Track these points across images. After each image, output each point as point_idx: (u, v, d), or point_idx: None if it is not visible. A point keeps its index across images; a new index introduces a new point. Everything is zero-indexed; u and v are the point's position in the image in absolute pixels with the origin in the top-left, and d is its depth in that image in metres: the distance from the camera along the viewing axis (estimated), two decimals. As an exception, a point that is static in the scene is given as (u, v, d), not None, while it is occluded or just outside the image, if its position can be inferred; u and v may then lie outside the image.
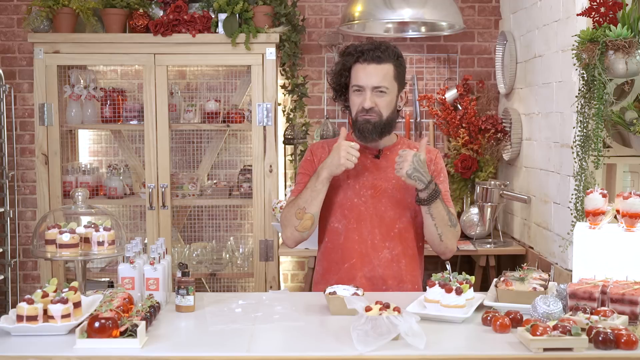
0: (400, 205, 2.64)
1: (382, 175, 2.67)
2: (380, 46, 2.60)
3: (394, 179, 2.63)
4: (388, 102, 2.61)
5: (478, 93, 4.55)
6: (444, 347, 1.97)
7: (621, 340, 1.90)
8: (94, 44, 4.05)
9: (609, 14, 2.91)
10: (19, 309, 2.02)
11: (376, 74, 2.58)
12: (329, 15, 4.58)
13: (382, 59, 2.58)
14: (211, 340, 2.02)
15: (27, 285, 4.60)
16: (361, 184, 2.66)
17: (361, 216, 2.65)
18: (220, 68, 4.48)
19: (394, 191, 2.64)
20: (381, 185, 2.65)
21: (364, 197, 2.65)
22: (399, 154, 2.52)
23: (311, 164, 2.74)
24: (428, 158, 2.66)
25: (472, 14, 4.60)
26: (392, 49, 2.62)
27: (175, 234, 4.34)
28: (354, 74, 2.62)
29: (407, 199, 2.64)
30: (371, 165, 2.68)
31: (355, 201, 2.66)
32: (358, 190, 2.66)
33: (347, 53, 2.65)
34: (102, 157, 4.57)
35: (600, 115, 2.92)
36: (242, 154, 4.55)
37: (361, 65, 2.60)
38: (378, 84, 2.58)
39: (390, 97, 2.61)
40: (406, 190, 2.63)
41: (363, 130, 2.61)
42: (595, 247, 2.33)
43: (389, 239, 2.64)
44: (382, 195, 2.64)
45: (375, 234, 2.64)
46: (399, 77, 2.64)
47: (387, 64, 2.59)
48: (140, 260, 2.36)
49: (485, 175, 4.31)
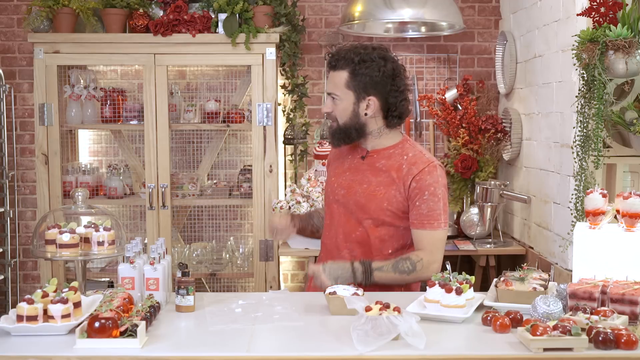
0: (363, 210, 2.62)
1: (359, 177, 2.65)
2: (341, 52, 2.59)
3: (366, 183, 2.62)
4: (341, 109, 2.60)
5: (478, 93, 4.55)
6: (444, 347, 1.97)
7: (621, 340, 1.90)
8: (94, 44, 4.05)
9: (609, 14, 2.91)
10: (19, 309, 2.02)
11: (330, 80, 2.62)
12: (329, 15, 4.58)
13: (336, 66, 2.58)
14: (211, 340, 2.02)
15: (27, 285, 4.60)
16: (339, 182, 2.69)
17: (333, 213, 2.71)
18: (220, 68, 4.48)
19: (362, 195, 2.62)
20: (354, 187, 2.64)
21: (338, 196, 2.68)
22: (311, 273, 2.52)
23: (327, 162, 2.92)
24: (407, 171, 2.57)
25: (472, 14, 4.60)
26: (350, 55, 2.56)
27: (175, 234, 4.34)
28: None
29: (371, 205, 2.60)
30: (354, 166, 2.69)
31: (331, 198, 2.72)
32: (335, 189, 2.70)
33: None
34: (102, 157, 4.57)
35: (600, 115, 2.92)
36: (242, 154, 4.55)
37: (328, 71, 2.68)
38: (330, 90, 2.61)
39: (343, 104, 2.59)
40: (373, 197, 2.60)
41: (326, 135, 2.68)
42: (595, 247, 2.33)
43: (349, 241, 2.66)
44: (352, 197, 2.64)
45: (339, 232, 2.68)
46: (356, 85, 2.56)
47: (340, 71, 2.57)
48: (140, 260, 2.35)
49: (485, 175, 4.31)
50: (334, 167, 2.79)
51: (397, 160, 2.61)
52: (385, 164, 2.62)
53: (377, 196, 2.59)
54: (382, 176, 2.61)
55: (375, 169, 2.63)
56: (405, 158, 2.61)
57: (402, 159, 2.61)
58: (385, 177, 2.60)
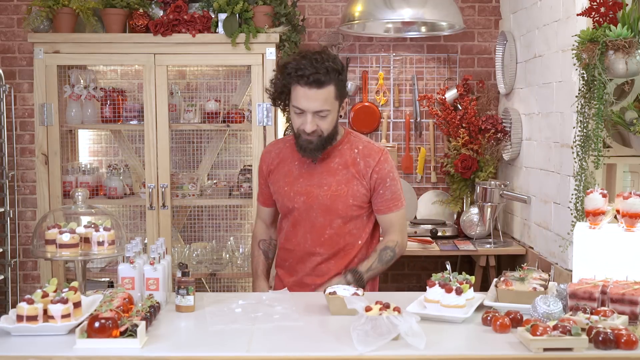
0: (330, 211, 2.66)
1: (315, 181, 2.67)
2: (321, 68, 2.50)
3: (326, 185, 2.66)
4: (330, 121, 2.59)
5: (478, 93, 4.55)
6: (444, 347, 1.97)
7: (621, 340, 1.90)
8: (94, 44, 4.05)
9: (609, 14, 2.91)
10: (19, 309, 2.02)
11: (317, 99, 2.52)
12: (329, 15, 4.58)
13: (323, 82, 2.51)
14: (211, 340, 2.02)
15: (27, 285, 4.60)
16: (295, 190, 2.69)
17: (296, 222, 2.71)
18: (220, 68, 4.48)
19: (325, 198, 2.65)
20: (313, 191, 2.66)
21: (297, 204, 2.69)
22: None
23: (261, 170, 2.84)
24: (364, 164, 2.65)
25: (472, 14, 4.60)
26: (333, 67, 2.53)
27: (175, 234, 4.34)
28: (294, 95, 2.56)
29: (337, 205, 2.65)
30: (307, 172, 2.69)
31: (289, 207, 2.71)
32: (292, 197, 2.69)
33: (287, 73, 2.56)
34: (102, 157, 4.57)
35: (600, 115, 2.92)
36: (242, 154, 4.55)
37: (302, 89, 2.52)
38: (319, 108, 2.54)
39: (332, 116, 2.59)
40: (337, 197, 2.65)
41: (305, 149, 2.61)
42: (595, 247, 2.33)
43: (319, 244, 2.68)
44: (314, 201, 2.66)
45: (307, 239, 2.70)
46: (340, 94, 2.58)
47: (328, 86, 2.52)
48: (140, 260, 2.36)
49: (485, 175, 4.31)
50: (279, 174, 2.75)
51: (349, 155, 2.67)
52: (339, 161, 2.67)
53: (341, 195, 2.64)
54: (340, 174, 2.66)
55: (331, 169, 2.66)
56: (357, 151, 2.68)
57: (354, 153, 2.67)
58: (343, 175, 2.65)
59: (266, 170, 2.81)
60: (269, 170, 2.80)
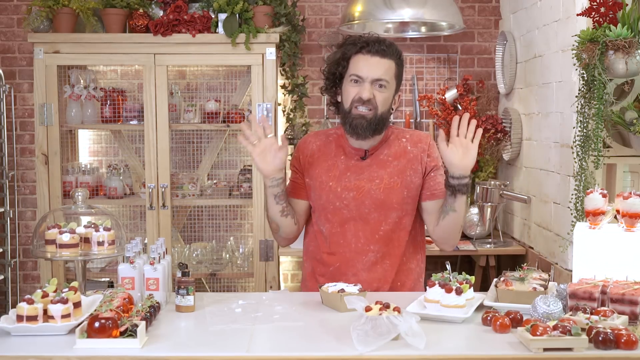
0: (384, 205, 2.55)
1: (365, 175, 2.57)
2: (385, 41, 2.54)
3: (377, 178, 2.56)
4: (385, 98, 2.52)
5: (478, 93, 4.55)
6: (444, 347, 1.96)
7: (621, 340, 1.90)
8: (94, 44, 4.05)
9: (609, 14, 2.91)
10: (19, 309, 2.02)
11: (379, 67, 2.49)
12: (329, 15, 4.58)
13: (386, 53, 2.50)
14: (211, 340, 2.02)
15: (27, 285, 4.60)
16: (343, 186, 2.57)
17: (344, 220, 2.57)
18: (220, 68, 4.48)
19: (378, 192, 2.55)
20: (364, 186, 2.56)
21: (346, 200, 2.55)
22: (458, 143, 2.39)
23: (297, 161, 2.71)
24: (420, 149, 2.60)
25: (472, 14, 4.60)
26: (395, 46, 2.55)
27: (175, 234, 4.34)
28: (353, 64, 2.52)
29: (392, 199, 2.55)
30: (355, 166, 2.59)
31: (337, 204, 2.57)
32: (340, 193, 2.56)
33: (349, 42, 2.55)
34: (102, 157, 4.57)
35: (600, 115, 2.92)
36: (242, 154, 4.55)
37: (363, 56, 2.50)
38: (380, 76, 2.49)
39: (388, 93, 2.52)
40: (391, 189, 2.54)
41: (356, 126, 2.50)
42: (595, 247, 2.33)
43: (374, 242, 2.56)
44: (366, 196, 2.55)
45: (359, 237, 2.57)
46: (398, 76, 2.57)
47: (389, 59, 2.51)
48: (140, 260, 2.35)
49: (485, 175, 4.31)
50: (321, 168, 2.62)
51: (398, 145, 2.60)
52: (388, 153, 2.59)
53: (395, 187, 2.55)
54: (391, 166, 2.57)
55: (381, 162, 2.58)
56: (405, 140, 2.61)
57: (402, 143, 2.61)
58: (395, 166, 2.57)
59: (303, 161, 2.67)
60: (307, 162, 2.66)
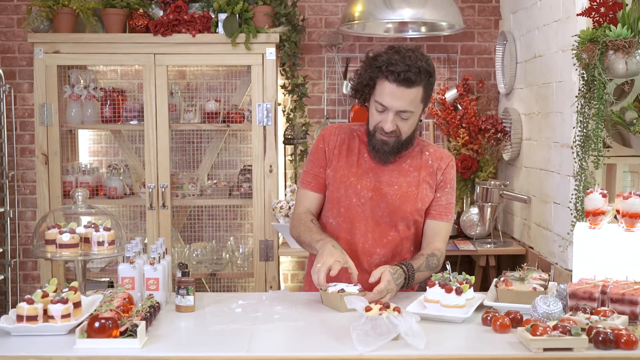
0: (398, 212, 2.55)
1: (386, 179, 2.57)
2: (413, 67, 2.38)
3: (396, 184, 2.56)
4: (411, 124, 2.48)
5: (478, 93, 4.55)
6: (444, 347, 1.97)
7: (621, 340, 1.90)
8: (94, 44, 4.05)
9: (609, 14, 2.91)
10: (19, 309, 2.02)
11: (403, 99, 2.40)
12: (329, 15, 4.58)
13: (413, 83, 2.39)
14: (211, 340, 2.02)
15: (27, 285, 4.60)
16: (363, 184, 2.56)
17: (356, 217, 2.57)
18: (220, 68, 4.48)
19: (394, 198, 2.55)
20: (383, 189, 2.55)
21: (363, 199, 2.55)
22: (377, 290, 2.30)
23: (322, 152, 2.62)
24: (436, 166, 2.59)
25: (472, 14, 4.60)
26: (425, 68, 2.42)
27: (175, 234, 4.34)
28: (379, 90, 2.43)
29: (406, 208, 2.55)
30: (377, 167, 2.58)
31: (353, 201, 2.56)
32: (359, 191, 2.56)
33: (377, 66, 2.43)
34: (102, 157, 4.57)
35: (600, 115, 2.92)
36: (242, 154, 4.55)
37: (389, 85, 2.40)
38: (404, 108, 2.42)
39: (413, 119, 2.48)
40: (407, 198, 2.55)
41: (379, 150, 2.50)
42: (595, 247, 2.33)
43: (381, 245, 2.57)
44: (382, 200, 2.55)
45: (367, 237, 2.57)
46: (426, 97, 2.47)
47: (417, 87, 2.41)
48: (140, 260, 2.36)
49: (485, 175, 4.31)
50: (344, 162, 2.58)
51: (420, 158, 2.60)
52: (410, 163, 2.59)
53: (411, 197, 2.55)
54: (411, 176, 2.58)
55: (402, 170, 2.58)
56: (428, 154, 2.61)
57: (425, 156, 2.61)
58: (414, 177, 2.58)
59: (329, 153, 2.60)
60: (332, 154, 2.60)
